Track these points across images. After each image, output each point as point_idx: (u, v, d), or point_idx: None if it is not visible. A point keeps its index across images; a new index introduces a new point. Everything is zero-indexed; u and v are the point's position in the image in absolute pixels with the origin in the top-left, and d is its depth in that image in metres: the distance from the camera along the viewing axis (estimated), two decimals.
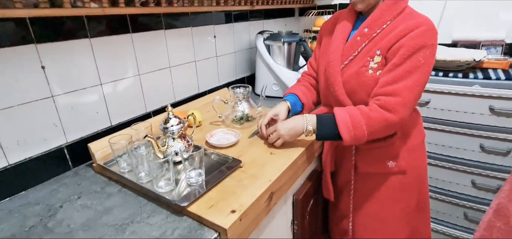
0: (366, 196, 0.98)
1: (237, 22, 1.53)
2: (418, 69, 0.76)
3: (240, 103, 1.11)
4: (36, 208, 0.72)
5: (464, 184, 1.53)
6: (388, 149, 0.91)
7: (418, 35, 0.76)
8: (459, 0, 1.65)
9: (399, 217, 0.98)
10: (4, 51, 0.72)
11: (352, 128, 0.79)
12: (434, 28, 0.78)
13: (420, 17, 0.80)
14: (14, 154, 0.78)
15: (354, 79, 0.85)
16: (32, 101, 0.79)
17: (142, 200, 0.73)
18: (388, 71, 0.78)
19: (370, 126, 0.78)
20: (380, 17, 0.82)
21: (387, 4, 0.82)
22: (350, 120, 0.79)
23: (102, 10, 0.80)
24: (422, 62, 0.76)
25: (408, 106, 0.78)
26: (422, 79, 0.78)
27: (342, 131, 0.79)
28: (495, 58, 1.49)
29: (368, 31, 0.84)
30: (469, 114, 1.41)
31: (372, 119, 0.78)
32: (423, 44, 0.75)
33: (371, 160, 0.94)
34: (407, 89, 0.76)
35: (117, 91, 1.00)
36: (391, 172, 0.93)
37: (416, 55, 0.76)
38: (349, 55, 0.87)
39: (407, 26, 0.78)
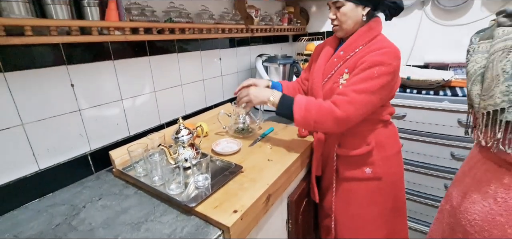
0: (346, 198, 0.98)
1: (240, 47, 1.56)
2: (369, 80, 0.77)
3: (242, 116, 1.12)
4: (62, 208, 0.72)
5: (438, 187, 1.53)
6: (365, 158, 0.91)
7: (378, 54, 0.78)
8: (429, 28, 1.69)
9: (377, 218, 0.97)
10: (40, 71, 0.73)
11: (304, 110, 0.81)
12: (396, 52, 0.79)
13: (386, 42, 0.81)
14: (44, 160, 0.78)
15: (330, 95, 0.88)
16: (61, 114, 0.80)
17: (155, 201, 0.73)
18: (347, 80, 0.82)
19: (318, 113, 0.80)
20: (353, 42, 0.85)
21: (362, 31, 0.84)
22: (305, 104, 0.81)
23: (124, 37, 0.82)
24: (375, 75, 0.76)
25: (354, 107, 0.77)
26: (372, 88, 0.77)
27: (294, 110, 0.82)
28: (461, 78, 1.51)
29: (343, 54, 0.87)
30: (440, 126, 1.42)
31: (322, 109, 0.80)
32: (381, 61, 0.77)
33: (350, 166, 0.94)
34: (355, 92, 0.78)
35: (135, 105, 1.01)
36: (368, 177, 0.93)
37: (372, 69, 0.77)
38: (328, 74, 0.90)
39: (371, 49, 0.80)
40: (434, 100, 1.40)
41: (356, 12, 0.82)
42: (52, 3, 0.68)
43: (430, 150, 1.49)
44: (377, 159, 0.91)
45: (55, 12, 0.69)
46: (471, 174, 0.74)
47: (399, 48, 0.82)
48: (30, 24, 0.61)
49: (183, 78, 1.21)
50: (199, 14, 1.15)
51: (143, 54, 1.01)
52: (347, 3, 0.81)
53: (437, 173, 1.49)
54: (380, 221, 0.97)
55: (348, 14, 0.82)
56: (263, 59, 1.52)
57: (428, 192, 1.57)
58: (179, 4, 1.06)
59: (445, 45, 1.67)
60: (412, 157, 1.55)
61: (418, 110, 1.44)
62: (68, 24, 0.68)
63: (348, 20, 0.83)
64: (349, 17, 0.83)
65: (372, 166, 0.92)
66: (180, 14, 1.03)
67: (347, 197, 0.97)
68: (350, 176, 0.95)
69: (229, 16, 1.29)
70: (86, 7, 0.76)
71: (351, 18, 0.83)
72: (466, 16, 1.58)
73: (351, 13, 0.82)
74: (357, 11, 0.82)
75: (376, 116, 0.89)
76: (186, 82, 1.23)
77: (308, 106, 0.81)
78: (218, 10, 1.30)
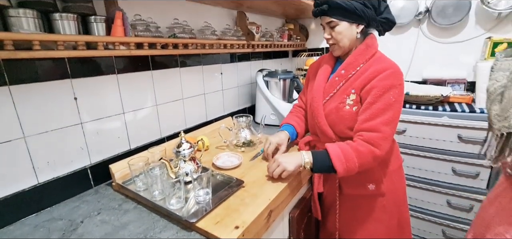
0: (350, 215, 0.96)
1: (240, 62, 1.59)
2: (391, 107, 0.79)
3: (243, 130, 1.13)
4: (59, 223, 0.71)
5: (441, 203, 1.51)
6: (368, 174, 0.90)
7: (386, 77, 0.80)
8: (426, 45, 1.74)
9: (381, 236, 0.95)
10: (44, 84, 0.75)
11: (344, 161, 0.79)
12: (399, 70, 0.82)
13: (388, 62, 0.84)
14: (44, 173, 0.77)
15: (334, 114, 0.88)
16: (63, 128, 0.80)
17: (155, 216, 0.72)
18: (365, 110, 0.81)
19: (360, 160, 0.79)
20: (354, 61, 0.87)
21: (360, 49, 0.87)
22: (342, 154, 0.79)
23: (129, 52, 0.84)
24: (393, 100, 0.79)
25: (388, 140, 0.81)
26: (396, 114, 0.80)
27: (336, 165, 0.79)
28: (459, 94, 1.53)
29: (345, 72, 0.88)
30: (441, 142, 1.42)
31: (361, 153, 0.79)
32: (391, 84, 0.79)
33: (353, 183, 0.93)
34: (384, 125, 0.79)
35: (137, 119, 1.02)
36: (372, 194, 0.92)
37: (387, 94, 0.79)
38: (329, 92, 0.91)
39: (376, 69, 0.82)
40: (433, 115, 1.41)
41: (351, 30, 0.85)
42: (60, 19, 0.70)
43: (431, 165, 1.48)
44: (380, 174, 0.91)
45: (63, 27, 0.71)
46: (496, 202, 0.69)
47: (397, 63, 0.84)
48: (38, 39, 0.62)
49: (185, 92, 1.22)
50: (201, 30, 1.18)
51: (146, 69, 1.03)
52: (341, 22, 0.83)
53: (439, 188, 1.48)
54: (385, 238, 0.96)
55: (343, 32, 0.85)
56: (264, 74, 1.55)
57: (431, 208, 1.55)
58: (182, 21, 1.09)
59: (442, 62, 1.71)
60: (413, 172, 1.54)
61: (418, 126, 1.45)
62: (75, 39, 0.70)
63: (343, 38, 0.85)
64: (345, 36, 0.85)
65: (375, 182, 0.91)
66: (184, 30, 1.06)
67: (351, 215, 0.96)
68: (353, 193, 0.94)
69: (231, 32, 1.32)
70: (93, 23, 0.78)
71: (346, 36, 0.85)
72: (461, 34, 1.63)
73: (346, 31, 0.85)
74: (352, 29, 0.85)
75: None
76: (187, 96, 1.24)
77: (348, 156, 0.79)
78: (220, 26, 1.34)
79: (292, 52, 2.20)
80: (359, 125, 0.82)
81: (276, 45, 1.68)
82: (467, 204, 1.43)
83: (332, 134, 0.90)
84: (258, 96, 1.55)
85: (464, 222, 1.46)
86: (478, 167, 1.36)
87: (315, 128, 0.96)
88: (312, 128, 1.01)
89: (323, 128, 0.91)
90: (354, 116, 0.85)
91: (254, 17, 1.64)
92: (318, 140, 0.98)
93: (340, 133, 0.89)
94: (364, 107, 0.82)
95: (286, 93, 1.55)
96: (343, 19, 0.83)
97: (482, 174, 1.36)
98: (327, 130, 0.90)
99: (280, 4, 1.43)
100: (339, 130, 0.89)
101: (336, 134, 0.90)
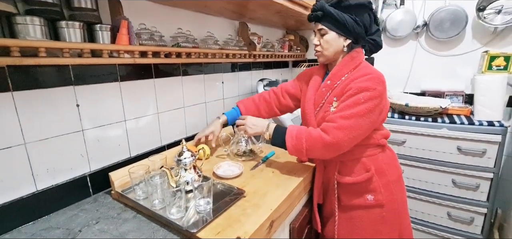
0: (349, 227, 0.95)
1: (241, 71, 1.60)
2: (356, 105, 0.80)
3: (243, 139, 1.13)
4: (56, 231, 0.69)
5: (441, 216, 1.50)
6: (366, 184, 0.90)
7: (363, 80, 0.82)
8: (425, 58, 1.77)
9: None
10: (47, 91, 0.75)
11: (295, 139, 0.85)
12: (380, 76, 0.83)
13: (370, 69, 0.85)
14: (43, 180, 0.76)
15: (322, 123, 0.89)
16: (64, 134, 0.80)
17: (154, 226, 0.71)
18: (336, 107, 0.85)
19: (308, 141, 0.84)
20: (338, 71, 0.89)
21: (345, 60, 0.89)
22: (295, 133, 0.86)
23: (133, 60, 0.84)
24: (362, 100, 0.80)
25: (343, 132, 0.79)
26: (359, 113, 0.79)
27: (286, 139, 0.86)
28: (458, 106, 1.55)
29: (330, 83, 0.91)
30: (440, 153, 1.43)
31: (311, 136, 0.84)
32: (365, 87, 0.80)
33: (352, 193, 0.92)
34: (342, 118, 0.81)
35: (138, 126, 1.02)
36: (370, 205, 0.91)
37: (358, 95, 0.81)
38: (319, 103, 0.94)
39: (356, 76, 0.84)
40: (433, 127, 1.42)
41: (338, 42, 0.87)
42: (66, 27, 0.71)
43: (431, 177, 1.48)
44: (378, 185, 0.90)
45: (69, 35, 0.72)
46: None
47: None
48: (45, 46, 0.63)
49: (186, 101, 1.23)
50: (204, 40, 1.20)
51: (148, 77, 1.03)
52: (331, 31, 0.86)
53: (439, 200, 1.47)
54: None
55: (330, 42, 0.87)
56: (265, 84, 1.56)
57: (431, 220, 1.54)
58: (186, 30, 1.11)
59: (441, 74, 1.74)
60: (413, 183, 1.54)
61: (418, 137, 1.46)
62: (81, 47, 0.71)
63: (330, 48, 0.88)
64: (331, 45, 0.88)
65: (374, 193, 0.90)
66: (187, 39, 1.07)
67: (350, 226, 0.95)
68: (352, 204, 0.93)
69: (233, 42, 1.34)
70: (99, 32, 0.79)
71: (332, 47, 0.88)
72: (459, 48, 1.66)
73: (333, 41, 0.87)
74: (339, 41, 0.87)
75: (371, 141, 0.90)
76: (188, 105, 1.24)
77: (299, 135, 0.85)
78: (222, 36, 1.36)
79: (292, 62, 2.23)
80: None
81: (277, 55, 1.70)
82: (467, 216, 1.43)
83: None
84: None
85: (465, 235, 1.45)
86: (478, 179, 1.37)
87: None
88: None
89: None
90: None
91: (255, 28, 1.67)
92: None
93: None
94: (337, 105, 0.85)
95: None
96: (332, 28, 0.86)
97: (482, 186, 1.37)
98: None
99: (282, 16, 1.46)
100: None
101: None
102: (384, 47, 1.96)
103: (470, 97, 1.61)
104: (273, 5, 1.18)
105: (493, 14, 1.46)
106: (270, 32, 1.87)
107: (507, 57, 1.39)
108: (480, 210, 1.38)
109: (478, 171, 1.35)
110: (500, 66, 1.42)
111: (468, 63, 1.64)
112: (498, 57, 1.42)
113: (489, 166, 1.32)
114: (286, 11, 1.32)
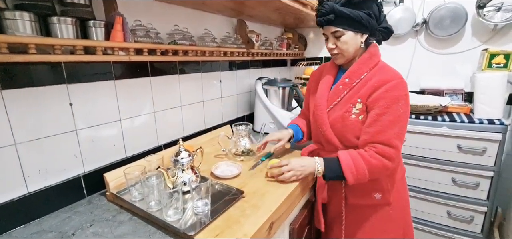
0: (356, 226, 0.95)
1: (240, 70, 1.58)
2: (400, 119, 0.80)
3: (242, 139, 1.11)
4: (49, 235, 0.67)
5: (441, 214, 1.50)
6: (374, 183, 0.90)
7: (393, 88, 0.80)
8: (424, 56, 1.76)
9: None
10: (39, 90, 0.72)
11: (355, 172, 0.81)
12: (404, 80, 0.83)
13: (392, 71, 0.85)
14: (34, 182, 0.74)
15: (339, 123, 0.88)
16: (57, 134, 0.77)
17: (151, 229, 0.69)
18: (375, 121, 0.81)
19: (371, 171, 0.81)
20: (358, 69, 0.87)
21: (364, 58, 0.87)
22: (354, 165, 0.81)
23: (128, 57, 0.82)
24: (402, 112, 0.80)
25: (400, 153, 0.83)
26: (404, 126, 0.82)
27: (346, 174, 0.81)
28: (457, 104, 1.55)
29: (349, 81, 0.88)
30: (440, 152, 1.42)
31: (373, 165, 0.81)
32: (398, 96, 0.80)
33: (360, 192, 0.92)
34: (397, 138, 0.80)
35: (133, 126, 0.99)
36: (378, 203, 0.91)
37: (395, 105, 0.79)
38: (333, 101, 0.90)
39: (381, 79, 0.82)
40: (433, 125, 1.41)
41: (356, 40, 0.85)
42: (58, 23, 0.69)
43: (431, 175, 1.47)
44: (386, 183, 0.90)
45: (61, 31, 0.69)
46: None
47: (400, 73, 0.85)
48: (34, 42, 0.60)
49: (183, 100, 1.21)
50: (202, 37, 1.18)
51: (144, 75, 1.01)
52: (347, 32, 0.84)
53: (439, 199, 1.47)
54: None
55: (349, 42, 0.85)
56: (263, 82, 1.54)
57: (431, 219, 1.53)
58: (183, 27, 1.08)
59: (440, 72, 1.73)
60: (413, 182, 1.53)
61: (418, 135, 1.45)
62: (73, 44, 0.68)
63: (349, 48, 0.85)
64: (350, 45, 0.85)
65: (382, 191, 0.90)
66: (184, 37, 1.05)
67: (358, 226, 0.94)
68: (360, 203, 0.92)
69: (231, 40, 1.32)
70: (92, 28, 0.76)
71: (352, 46, 0.85)
72: (458, 45, 1.65)
73: (351, 41, 0.85)
74: (356, 39, 0.85)
75: None
76: (186, 104, 1.22)
77: (359, 168, 0.81)
78: (220, 34, 1.33)
79: (291, 61, 2.21)
80: (372, 137, 0.82)
81: (275, 53, 1.68)
82: (467, 215, 1.42)
83: (338, 143, 0.90)
84: (257, 104, 1.54)
85: (465, 234, 1.45)
86: (478, 177, 1.36)
87: (319, 136, 0.95)
88: (316, 137, 1.01)
89: (328, 136, 0.90)
90: (360, 125, 0.85)
91: (254, 25, 1.65)
92: (322, 149, 0.97)
93: (346, 142, 0.88)
94: (373, 118, 0.82)
95: (285, 101, 1.54)
96: (349, 29, 0.83)
97: (482, 185, 1.36)
98: (332, 139, 0.90)
99: (280, 14, 1.44)
100: (346, 138, 0.88)
101: (342, 142, 0.89)
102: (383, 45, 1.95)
103: (470, 95, 1.60)
104: (272, 2, 1.16)
105: (493, 12, 1.45)
106: (268, 30, 1.85)
107: (507, 55, 1.39)
108: (480, 209, 1.38)
109: (478, 169, 1.34)
110: (500, 64, 1.41)
111: (468, 61, 1.63)
112: (498, 55, 1.41)
113: (489, 164, 1.32)
114: (286, 9, 1.30)
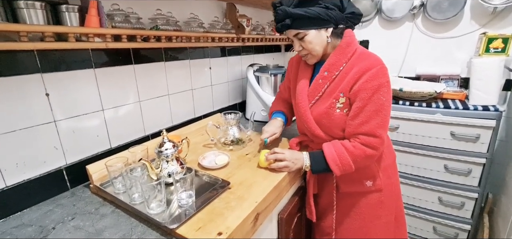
0: (348, 214, 0.95)
1: (231, 56, 1.54)
2: (382, 107, 0.78)
3: (231, 128, 1.08)
4: (28, 229, 0.66)
5: (432, 201, 1.51)
6: (365, 170, 0.90)
7: (373, 77, 0.77)
8: (421, 40, 1.71)
9: (380, 232, 0.95)
10: (9, 79, 0.68)
11: (340, 164, 0.82)
12: (384, 66, 0.80)
13: (371, 58, 0.81)
14: (12, 176, 0.72)
15: (325, 118, 0.86)
16: (34, 126, 0.75)
17: (133, 222, 0.68)
18: (358, 114, 0.80)
19: (355, 161, 0.82)
20: (337, 61, 0.84)
21: (341, 48, 0.84)
22: (338, 157, 0.82)
23: (105, 45, 0.78)
24: (384, 100, 0.78)
25: (384, 141, 0.82)
26: (387, 114, 0.81)
27: (332, 167, 0.82)
28: (453, 90, 1.52)
29: (328, 74, 0.85)
30: (433, 139, 1.41)
31: (356, 156, 0.81)
32: (379, 84, 0.77)
33: (351, 180, 0.92)
34: (381, 127, 0.79)
35: (118, 116, 0.96)
36: (369, 190, 0.92)
37: (376, 94, 0.77)
38: (315, 96, 0.89)
39: (360, 68, 0.79)
40: (427, 112, 1.40)
41: (320, 36, 0.81)
42: (26, 7, 0.64)
43: (423, 162, 1.48)
44: (376, 170, 0.90)
45: (29, 17, 0.65)
46: None
47: (391, 59, 0.82)
48: None
49: (171, 88, 1.17)
50: (187, 22, 1.12)
51: (127, 63, 0.97)
52: (309, 31, 0.80)
53: (431, 186, 1.48)
54: (384, 235, 0.96)
55: (314, 41, 0.81)
56: (255, 69, 1.50)
57: (422, 205, 1.55)
58: (166, 12, 1.03)
59: (436, 57, 1.69)
60: (405, 169, 1.54)
61: (411, 122, 1.44)
62: (41, 30, 0.64)
63: (315, 46, 0.82)
64: (316, 43, 0.82)
65: (373, 178, 0.91)
66: (168, 22, 1.00)
67: (349, 213, 0.95)
68: (351, 191, 0.93)
69: (220, 25, 1.27)
70: (65, 13, 0.72)
71: (317, 44, 0.82)
72: (456, 29, 1.61)
73: (315, 39, 0.81)
74: (321, 35, 0.81)
75: None
76: (173, 92, 1.19)
77: (343, 160, 0.81)
78: (208, 18, 1.28)
79: (285, 46, 2.15)
80: (355, 129, 0.81)
81: (268, 39, 1.63)
82: (458, 201, 1.43)
83: (324, 136, 0.89)
84: (248, 92, 1.51)
85: (455, 220, 1.47)
86: (470, 164, 1.36)
87: (305, 130, 0.94)
88: (301, 130, 1.00)
89: (315, 132, 0.90)
90: (345, 118, 0.84)
91: (244, 9, 1.58)
92: (310, 140, 0.97)
93: (332, 135, 0.88)
94: (356, 111, 0.80)
95: (277, 89, 1.50)
96: (309, 28, 0.80)
97: (474, 172, 1.36)
98: (319, 133, 0.89)
99: None
100: (333, 133, 0.88)
101: (328, 135, 0.89)
102: (379, 29, 1.90)
103: (466, 81, 1.58)
104: None
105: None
106: (260, 14, 1.78)
107: (506, 39, 1.35)
108: (471, 195, 1.39)
109: (470, 156, 1.34)
110: (497, 49, 1.38)
111: (465, 46, 1.60)
112: (496, 39, 1.37)
113: (482, 151, 1.31)
114: None
